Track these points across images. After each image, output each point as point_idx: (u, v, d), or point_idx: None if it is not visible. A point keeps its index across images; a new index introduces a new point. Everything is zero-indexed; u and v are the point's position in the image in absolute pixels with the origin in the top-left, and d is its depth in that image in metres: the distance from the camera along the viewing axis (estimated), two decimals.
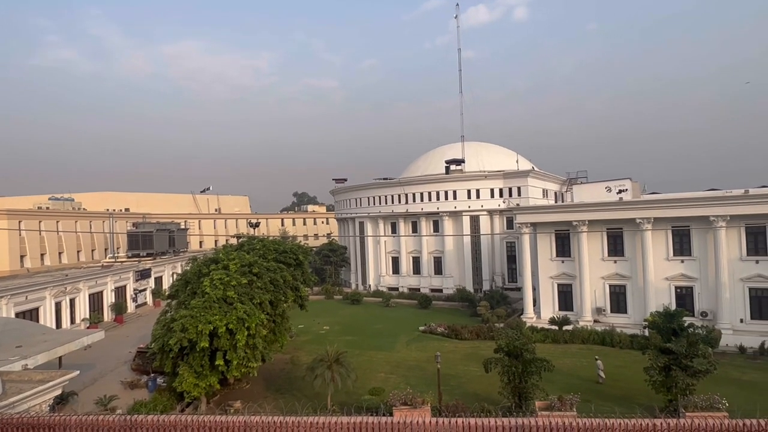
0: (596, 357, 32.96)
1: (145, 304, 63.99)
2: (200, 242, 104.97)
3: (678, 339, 25.78)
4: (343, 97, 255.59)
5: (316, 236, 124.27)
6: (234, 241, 42.63)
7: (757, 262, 38.89)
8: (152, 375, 32.96)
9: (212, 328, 25.47)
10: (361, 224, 77.86)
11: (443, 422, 14.25)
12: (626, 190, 45.63)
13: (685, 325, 27.26)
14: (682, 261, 41.48)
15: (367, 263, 76.19)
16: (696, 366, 24.46)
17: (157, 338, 27.60)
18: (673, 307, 35.57)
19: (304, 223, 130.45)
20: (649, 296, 41.36)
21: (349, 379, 26.72)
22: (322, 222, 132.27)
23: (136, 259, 69.34)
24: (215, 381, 27.03)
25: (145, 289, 64.54)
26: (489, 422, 13.87)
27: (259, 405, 22.86)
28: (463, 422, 14.06)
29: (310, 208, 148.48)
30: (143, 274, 63.93)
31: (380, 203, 74.87)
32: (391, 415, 17.07)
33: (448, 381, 30.98)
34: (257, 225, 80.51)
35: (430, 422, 14.10)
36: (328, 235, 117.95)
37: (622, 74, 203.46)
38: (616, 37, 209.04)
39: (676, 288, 41.67)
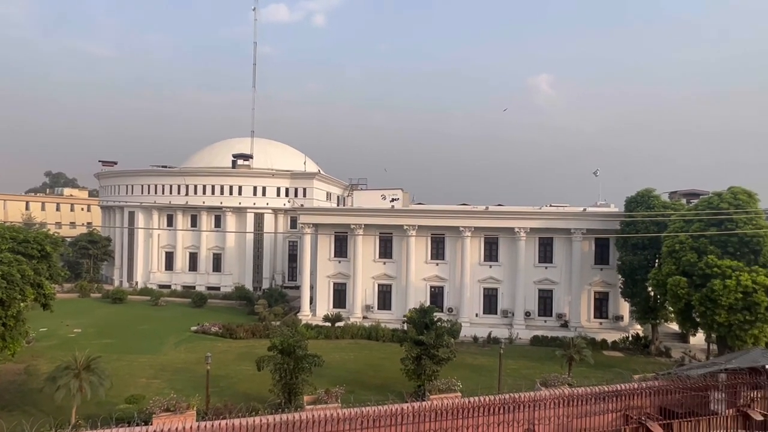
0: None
1: None
2: None
3: (429, 332, 29.71)
4: (119, 71, 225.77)
5: (72, 225, 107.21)
6: None
7: (490, 266, 47.37)
8: None
9: None
10: (132, 214, 70.23)
11: (206, 426, 13.87)
12: (398, 199, 50.82)
13: (435, 319, 31.54)
14: (437, 264, 48.04)
15: (135, 258, 68.95)
16: (441, 355, 28.59)
17: None
18: (428, 303, 40.83)
19: (58, 209, 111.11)
20: (409, 294, 46.69)
21: (102, 387, 23.75)
22: (82, 209, 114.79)
23: None
24: None
25: None
26: (254, 421, 14.04)
27: None
28: (227, 424, 13.93)
29: (67, 191, 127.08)
30: None
31: (156, 192, 68.57)
32: (148, 423, 15.81)
33: (219, 382, 30.07)
34: None
35: (191, 427, 13.59)
36: (89, 225, 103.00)
37: (405, 91, 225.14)
38: (403, 58, 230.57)
39: (431, 287, 48.03)
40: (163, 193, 68.37)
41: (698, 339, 42.16)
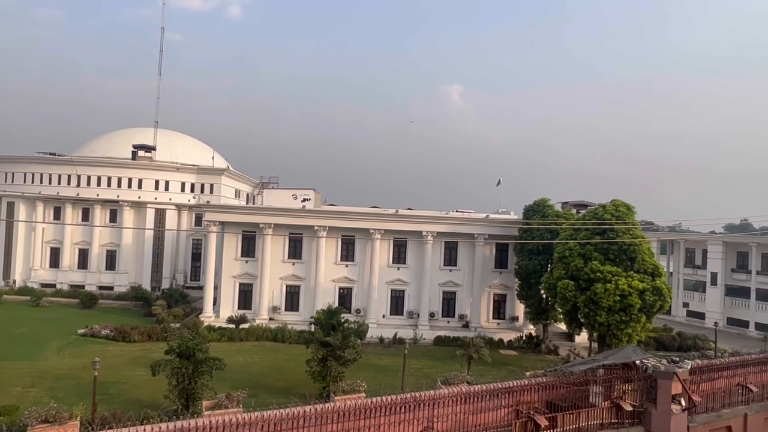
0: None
1: None
2: None
3: (335, 333, 29.76)
4: (1, 45, 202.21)
5: None
6: None
7: (398, 269, 48.48)
8: None
9: None
10: (11, 205, 63.31)
11: None
12: (309, 199, 50.41)
13: (343, 321, 31.67)
14: (347, 266, 48.29)
15: (13, 253, 62.24)
16: (347, 356, 28.79)
17: None
18: (336, 305, 40.86)
19: None
20: (318, 296, 46.46)
21: None
22: None
23: None
24: None
25: None
26: (144, 430, 13.28)
27: None
28: None
29: None
30: None
31: (42, 182, 62.46)
32: None
33: (109, 389, 28.09)
34: None
35: None
36: None
37: (321, 91, 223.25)
38: (324, 56, 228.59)
39: (340, 289, 48.15)
40: (50, 183, 62.38)
41: (582, 338, 46.07)
